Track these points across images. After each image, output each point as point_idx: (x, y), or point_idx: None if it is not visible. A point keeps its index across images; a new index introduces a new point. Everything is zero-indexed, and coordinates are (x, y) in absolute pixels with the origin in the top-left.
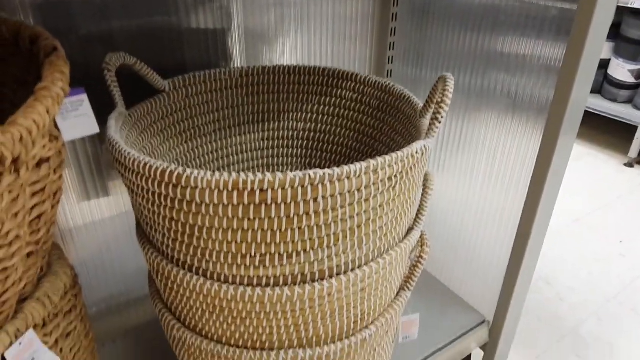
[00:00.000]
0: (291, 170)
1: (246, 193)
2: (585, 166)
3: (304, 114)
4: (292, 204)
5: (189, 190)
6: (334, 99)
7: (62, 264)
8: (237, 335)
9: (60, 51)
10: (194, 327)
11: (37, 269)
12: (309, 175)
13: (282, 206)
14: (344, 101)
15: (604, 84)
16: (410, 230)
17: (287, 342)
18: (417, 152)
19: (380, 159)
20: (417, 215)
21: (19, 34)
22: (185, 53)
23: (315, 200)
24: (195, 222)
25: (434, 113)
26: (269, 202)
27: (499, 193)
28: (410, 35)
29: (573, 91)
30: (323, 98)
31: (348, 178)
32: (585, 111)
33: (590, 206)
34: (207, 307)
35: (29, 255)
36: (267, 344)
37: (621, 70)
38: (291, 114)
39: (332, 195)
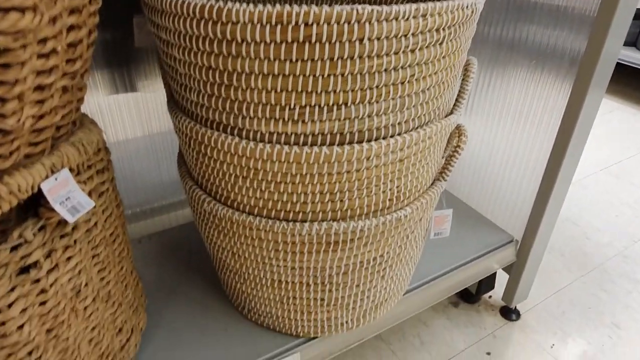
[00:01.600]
0: None
1: (290, 28)
2: (616, 119)
3: None
4: (337, 45)
5: (229, 27)
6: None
7: (94, 126)
8: (270, 205)
9: None
10: (224, 199)
11: (70, 113)
12: (357, 10)
13: (327, 46)
14: None
15: (639, 36)
16: (450, 113)
17: (320, 213)
18: (467, 7)
19: (430, 4)
20: (457, 100)
21: None
22: None
23: (362, 41)
24: (234, 67)
25: None
26: (313, 39)
27: (527, 136)
28: None
29: (606, 43)
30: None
31: (396, 19)
32: (618, 63)
33: (619, 155)
34: (241, 171)
35: (64, 90)
36: (300, 215)
37: None
38: None
39: (378, 38)
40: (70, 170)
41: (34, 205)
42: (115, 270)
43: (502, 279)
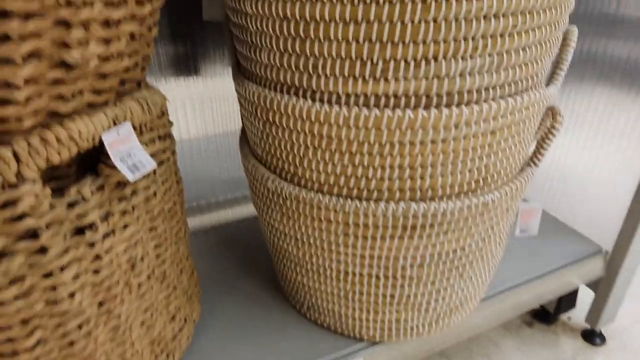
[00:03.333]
0: None
1: None
2: None
3: None
4: None
5: None
6: None
7: (158, 91)
8: (342, 181)
9: None
10: (291, 177)
11: (136, 67)
12: None
13: None
14: None
15: None
16: (548, 84)
17: (398, 192)
18: None
19: None
20: (555, 70)
21: None
22: None
23: None
24: (312, 14)
25: None
26: None
27: (617, 140)
28: None
29: None
30: None
31: None
32: None
33: None
34: (312, 141)
35: (132, 37)
36: (375, 193)
37: None
38: None
39: None
40: (133, 128)
41: (93, 165)
42: (171, 250)
43: (584, 296)
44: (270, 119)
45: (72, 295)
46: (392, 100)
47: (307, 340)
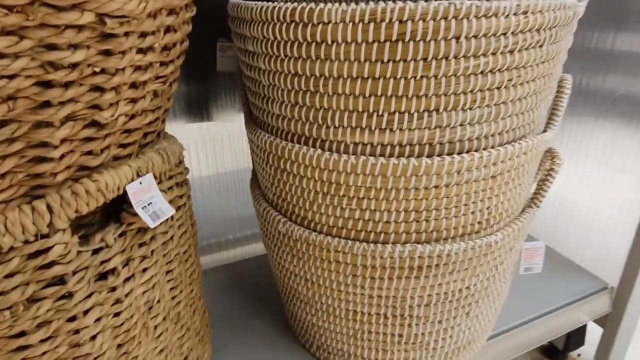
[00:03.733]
0: None
1: (384, 25)
2: None
3: None
4: (432, 43)
5: (319, 28)
6: None
7: (175, 140)
8: (350, 224)
9: None
10: (301, 220)
11: (157, 121)
12: (455, 5)
13: (421, 45)
14: None
15: None
16: (544, 130)
17: (404, 234)
18: (569, 8)
19: (532, 0)
20: (551, 116)
21: None
22: None
23: (458, 40)
24: (321, 72)
25: None
26: (407, 37)
27: (619, 176)
28: None
29: None
30: None
31: (496, 15)
32: None
33: None
34: (322, 187)
35: (155, 94)
36: (382, 236)
37: None
38: None
39: (476, 36)
40: (154, 176)
41: (115, 213)
42: (186, 292)
43: (593, 334)
44: (282, 166)
45: (93, 337)
46: (397, 149)
47: None
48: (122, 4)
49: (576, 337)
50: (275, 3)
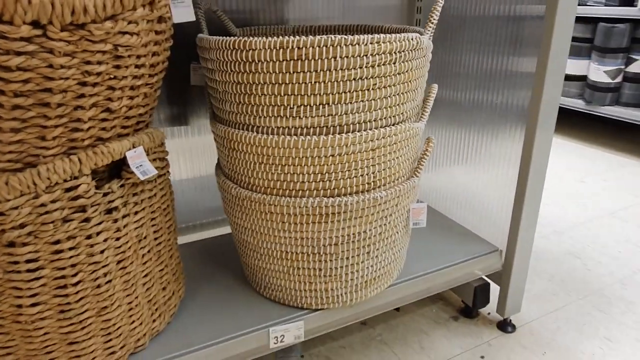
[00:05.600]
0: None
1: (289, 50)
2: (628, 172)
3: None
4: (319, 61)
5: (250, 52)
6: None
7: (159, 130)
8: (278, 185)
9: None
10: (246, 185)
11: (147, 114)
12: (330, 37)
13: (312, 62)
14: None
15: None
16: (417, 121)
17: (315, 191)
18: (412, 39)
19: (382, 35)
20: (421, 112)
21: None
22: (256, 13)
23: (335, 59)
24: (254, 80)
25: (429, 16)
26: (304, 58)
27: (501, 170)
28: None
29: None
30: None
31: (359, 44)
32: (631, 124)
33: (629, 202)
34: (258, 158)
35: (145, 95)
36: (300, 192)
37: None
38: None
39: (347, 56)
40: (143, 150)
41: (118, 173)
42: (165, 237)
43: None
44: (233, 146)
45: (102, 252)
46: (305, 130)
47: (262, 311)
48: (128, 39)
49: (482, 296)
50: (226, 37)
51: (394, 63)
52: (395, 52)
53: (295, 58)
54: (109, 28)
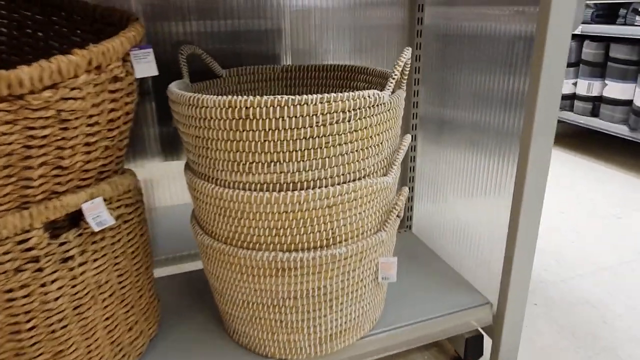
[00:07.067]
0: None
1: (237, 110)
2: None
3: None
4: (267, 121)
5: (202, 109)
6: (351, 90)
7: (131, 177)
8: (237, 237)
9: (140, 20)
10: (210, 232)
11: (111, 163)
12: (277, 98)
13: (261, 121)
14: (357, 90)
15: None
16: (384, 175)
17: (271, 245)
18: (369, 96)
19: (334, 94)
20: (389, 166)
21: (122, 16)
22: (242, 50)
23: (282, 118)
24: (208, 135)
25: (392, 73)
26: (252, 117)
27: (492, 198)
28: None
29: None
30: (343, 90)
31: (307, 104)
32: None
33: None
34: (217, 209)
35: (106, 148)
36: (257, 245)
37: None
38: None
39: (295, 116)
40: (105, 199)
41: (79, 220)
42: (132, 279)
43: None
44: (197, 196)
45: (56, 299)
46: (259, 186)
47: (230, 356)
48: (72, 104)
49: (473, 348)
50: (183, 92)
51: (348, 121)
52: (348, 110)
53: (244, 117)
54: (47, 97)
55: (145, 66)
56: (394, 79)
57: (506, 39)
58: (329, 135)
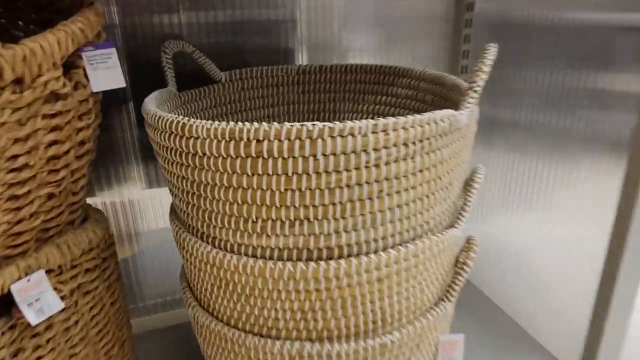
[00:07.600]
0: None
1: (242, 144)
2: None
3: (359, 114)
4: (290, 160)
5: (192, 141)
6: (389, 98)
7: (96, 225)
8: (244, 317)
9: (96, 6)
10: (206, 307)
11: (61, 215)
12: (307, 127)
13: (279, 161)
14: (399, 99)
15: None
16: (449, 226)
17: (294, 331)
18: (441, 120)
19: (393, 119)
20: (460, 211)
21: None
22: (245, 47)
23: (315, 157)
24: (200, 178)
25: (470, 82)
26: (265, 155)
27: (580, 231)
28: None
29: None
30: (378, 97)
31: (352, 135)
32: None
33: None
34: (215, 280)
35: (49, 196)
36: (273, 331)
37: None
38: (346, 114)
39: (334, 154)
40: (51, 270)
41: (10, 306)
42: None
43: None
44: (187, 257)
45: None
46: (276, 252)
47: None
48: None
49: None
50: (163, 114)
51: (413, 157)
52: (415, 142)
53: (254, 155)
54: None
55: (106, 74)
56: (475, 91)
57: (603, 30)
58: (383, 180)
